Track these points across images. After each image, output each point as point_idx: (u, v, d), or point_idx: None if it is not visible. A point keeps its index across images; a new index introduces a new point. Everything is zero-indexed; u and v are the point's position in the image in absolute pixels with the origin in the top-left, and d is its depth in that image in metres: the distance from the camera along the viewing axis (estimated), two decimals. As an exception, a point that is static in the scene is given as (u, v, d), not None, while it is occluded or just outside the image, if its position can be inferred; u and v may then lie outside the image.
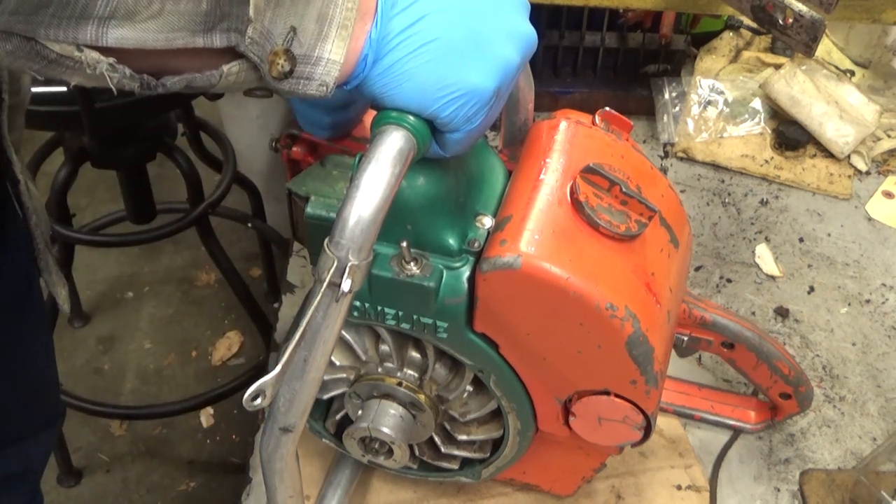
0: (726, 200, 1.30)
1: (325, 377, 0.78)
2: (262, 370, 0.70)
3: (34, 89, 1.33)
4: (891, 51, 1.47)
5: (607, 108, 0.76)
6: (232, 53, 0.50)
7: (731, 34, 1.48)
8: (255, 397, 0.55)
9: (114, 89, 0.48)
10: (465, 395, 0.78)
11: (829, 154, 1.35)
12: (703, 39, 1.48)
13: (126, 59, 0.47)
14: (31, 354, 0.91)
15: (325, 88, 0.53)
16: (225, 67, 0.50)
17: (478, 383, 0.77)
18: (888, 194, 1.32)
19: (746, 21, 1.37)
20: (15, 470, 0.91)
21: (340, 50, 0.52)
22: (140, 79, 0.49)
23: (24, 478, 0.93)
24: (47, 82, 1.33)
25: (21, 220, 0.83)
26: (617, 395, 0.71)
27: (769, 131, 1.37)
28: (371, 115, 0.59)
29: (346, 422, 0.81)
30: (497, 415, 0.79)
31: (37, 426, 0.93)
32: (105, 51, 0.46)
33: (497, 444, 0.82)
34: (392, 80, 0.55)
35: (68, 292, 0.93)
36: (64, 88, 1.34)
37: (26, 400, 0.90)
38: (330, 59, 0.52)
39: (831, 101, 1.33)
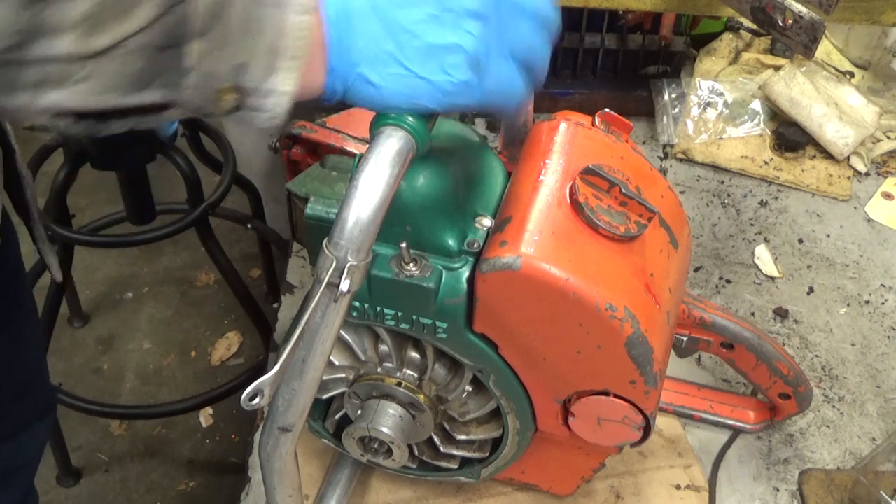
0: (726, 201, 1.31)
1: (325, 377, 0.78)
2: (261, 370, 0.70)
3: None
4: (890, 52, 1.47)
5: (607, 110, 0.77)
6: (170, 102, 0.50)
7: (730, 36, 1.48)
8: (253, 397, 0.56)
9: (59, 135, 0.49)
10: (465, 395, 0.78)
11: (828, 155, 1.35)
12: (702, 41, 1.48)
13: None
14: (23, 347, 0.91)
15: (275, 119, 0.53)
16: (165, 113, 0.50)
17: (477, 383, 0.77)
18: (887, 195, 1.32)
19: (746, 22, 1.37)
20: (11, 465, 0.91)
21: (291, 81, 0.52)
22: (86, 124, 0.49)
23: (19, 472, 0.93)
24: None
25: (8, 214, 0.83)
26: (616, 396, 0.72)
27: (769, 132, 1.37)
28: (370, 115, 0.59)
29: (346, 421, 0.81)
30: (496, 415, 0.79)
31: (30, 419, 0.93)
32: None
33: (496, 444, 0.82)
34: (372, 91, 0.55)
35: (59, 262, 0.96)
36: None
37: (19, 393, 0.91)
38: (280, 91, 0.52)
39: (831, 103, 1.33)
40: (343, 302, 0.56)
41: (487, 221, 0.71)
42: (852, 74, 1.48)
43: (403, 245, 0.66)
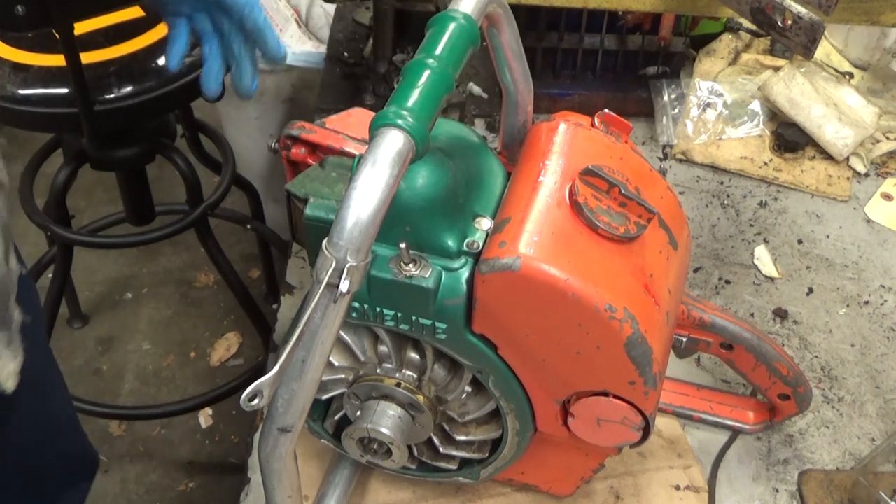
0: (725, 202, 1.31)
1: (324, 378, 0.78)
2: (260, 371, 0.70)
3: (31, 91, 1.33)
4: (890, 53, 1.47)
5: (606, 110, 0.77)
6: None
7: (730, 36, 1.48)
8: (252, 398, 0.56)
9: None
10: (464, 395, 0.78)
11: (827, 156, 1.35)
12: (702, 42, 1.48)
13: None
14: (62, 410, 0.90)
15: None
16: None
17: (476, 384, 0.77)
18: (887, 196, 1.32)
19: (745, 23, 1.37)
20: None
21: None
22: None
23: None
24: (45, 83, 1.34)
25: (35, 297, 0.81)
26: (616, 396, 0.72)
27: (768, 133, 1.37)
28: (370, 115, 0.59)
29: (345, 422, 0.81)
30: (496, 415, 0.79)
31: (75, 478, 0.92)
32: None
33: (496, 445, 0.82)
34: None
35: (20, 366, 0.74)
36: (63, 90, 1.34)
37: (62, 457, 0.89)
38: None
39: (830, 104, 1.33)
40: (342, 303, 0.56)
41: (487, 222, 0.71)
42: (852, 75, 1.48)
43: (403, 245, 0.66)
